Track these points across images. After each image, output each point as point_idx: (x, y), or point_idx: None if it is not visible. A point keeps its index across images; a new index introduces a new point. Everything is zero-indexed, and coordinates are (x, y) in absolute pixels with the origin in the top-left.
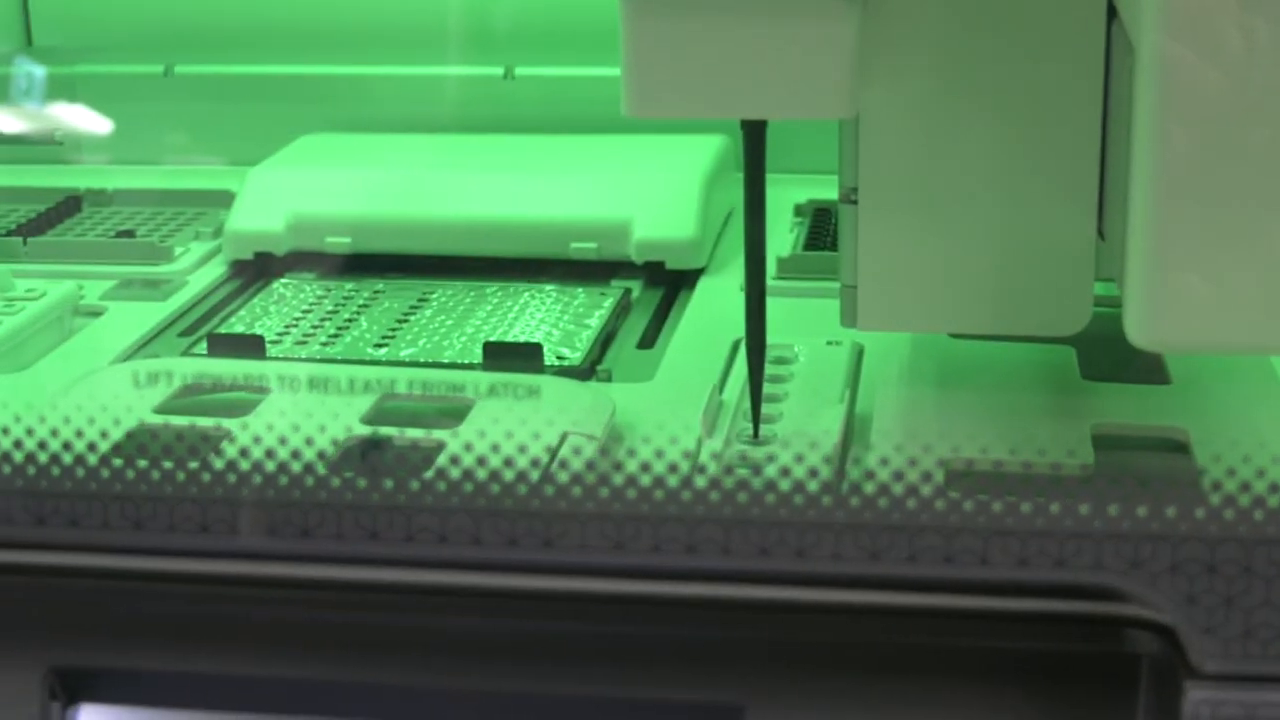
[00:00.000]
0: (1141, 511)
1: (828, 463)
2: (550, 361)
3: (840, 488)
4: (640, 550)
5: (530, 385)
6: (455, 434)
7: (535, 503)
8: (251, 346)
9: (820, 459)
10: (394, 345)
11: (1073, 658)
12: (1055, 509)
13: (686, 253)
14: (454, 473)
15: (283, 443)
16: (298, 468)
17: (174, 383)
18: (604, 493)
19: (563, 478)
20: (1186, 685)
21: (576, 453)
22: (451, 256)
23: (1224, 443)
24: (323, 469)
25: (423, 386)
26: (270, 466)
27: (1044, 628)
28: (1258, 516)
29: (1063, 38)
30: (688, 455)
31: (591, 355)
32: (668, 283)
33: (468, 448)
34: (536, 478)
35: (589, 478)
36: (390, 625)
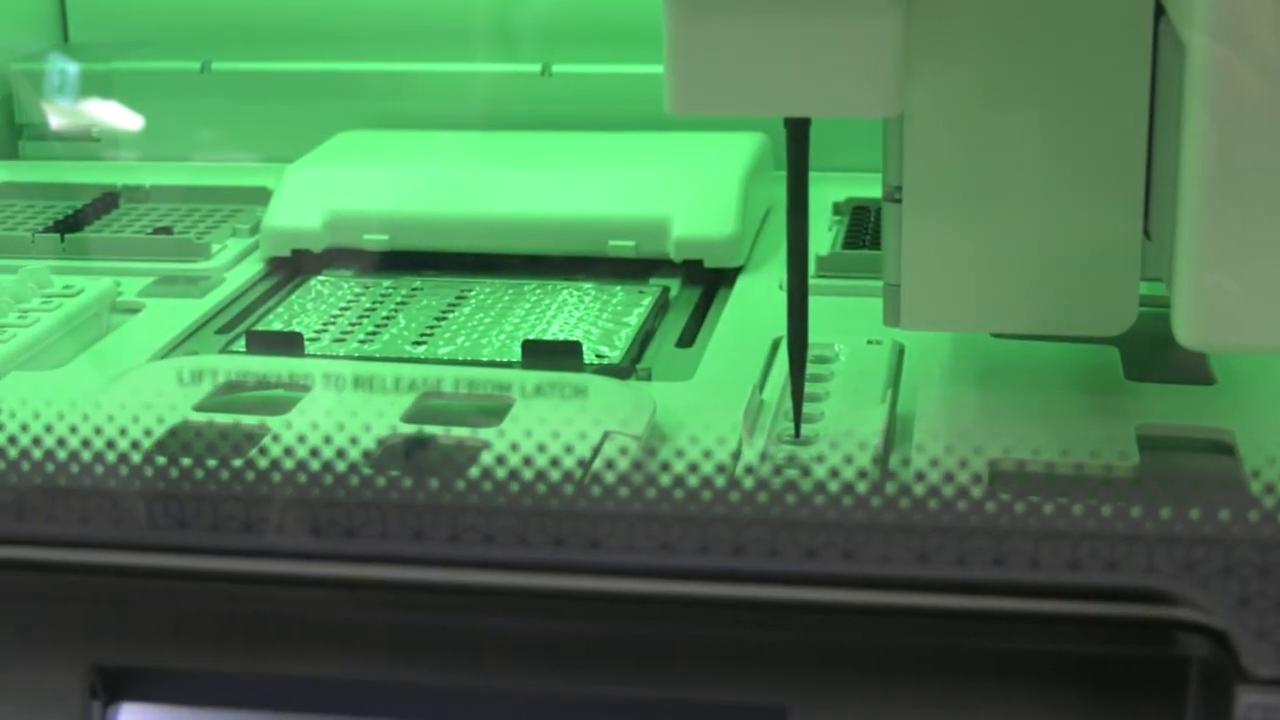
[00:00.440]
0: (1194, 514)
1: (874, 464)
2: (589, 360)
3: (885, 489)
4: (686, 551)
5: (571, 384)
6: (501, 433)
7: (582, 503)
8: (290, 344)
9: (865, 460)
10: (432, 343)
11: (1121, 661)
12: (1107, 511)
13: (725, 251)
14: (500, 472)
15: (327, 441)
16: (342, 466)
17: (215, 380)
18: (651, 493)
19: (610, 478)
20: (1238, 689)
21: (624, 452)
22: (488, 254)
23: (1274, 444)
24: (367, 468)
25: (466, 385)
26: (315, 465)
27: (1093, 631)
28: None
29: (1109, 34)
30: (734, 456)
31: (631, 354)
32: (706, 281)
33: (514, 448)
34: (581, 477)
35: (636, 477)
36: (433, 625)
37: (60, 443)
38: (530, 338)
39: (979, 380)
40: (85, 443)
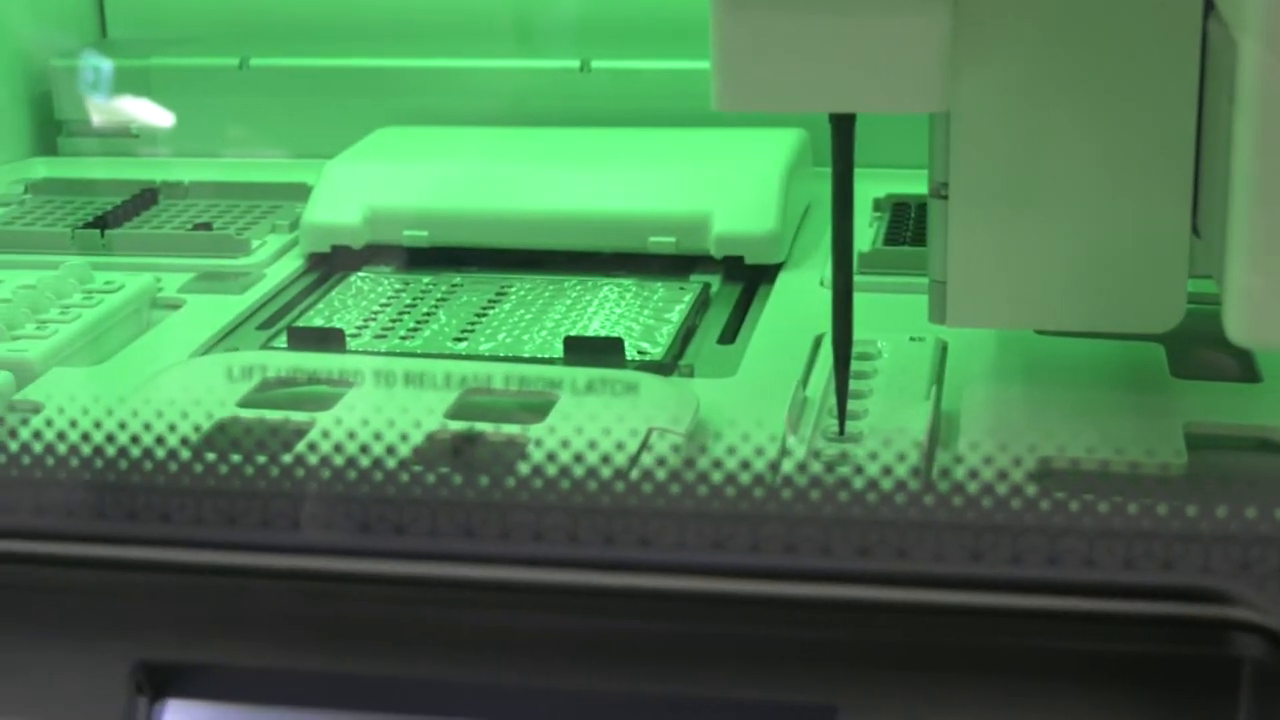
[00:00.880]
0: (1250, 513)
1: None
2: (631, 356)
3: (939, 486)
4: (737, 549)
5: (614, 380)
6: (551, 430)
7: (631, 500)
8: (331, 340)
9: (913, 457)
10: (473, 339)
11: (1174, 661)
12: (1162, 510)
13: (766, 247)
14: (550, 469)
15: (377, 438)
16: (392, 463)
17: (259, 376)
18: (703, 491)
19: (660, 475)
20: None
21: (675, 450)
22: (527, 250)
23: None
24: (416, 465)
25: (517, 382)
26: (365, 462)
27: (1147, 630)
28: None
29: (1157, 29)
30: (779, 454)
31: (673, 350)
32: (746, 277)
33: (565, 444)
34: (626, 474)
35: (688, 475)
36: (480, 623)
37: (110, 438)
38: (572, 334)
39: (1024, 377)
40: (134, 438)
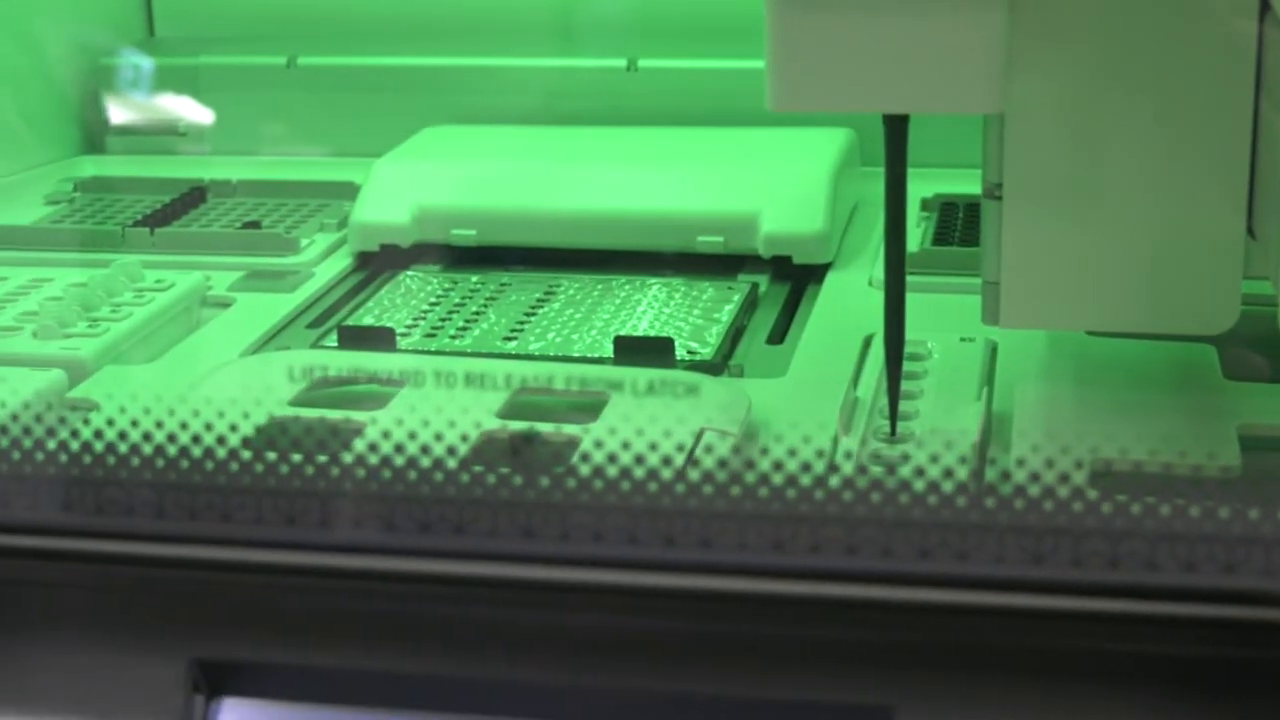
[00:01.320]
0: None
1: (962, 462)
2: (681, 356)
3: (994, 488)
4: (796, 551)
5: (667, 381)
6: (613, 431)
7: (692, 502)
8: (382, 339)
9: (971, 459)
10: (523, 338)
11: (1236, 664)
12: (1225, 513)
13: (815, 247)
14: (611, 471)
15: (439, 439)
16: (453, 463)
17: (311, 375)
18: (764, 493)
19: (722, 476)
20: None
21: (738, 451)
22: (574, 249)
23: None
24: (476, 465)
25: (578, 382)
26: (425, 462)
27: (1209, 633)
28: None
29: (1213, 30)
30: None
31: (722, 350)
32: (794, 277)
33: (625, 445)
34: (679, 475)
35: (749, 477)
36: (536, 622)
37: (171, 438)
38: (622, 334)
39: (1076, 378)
40: (196, 438)
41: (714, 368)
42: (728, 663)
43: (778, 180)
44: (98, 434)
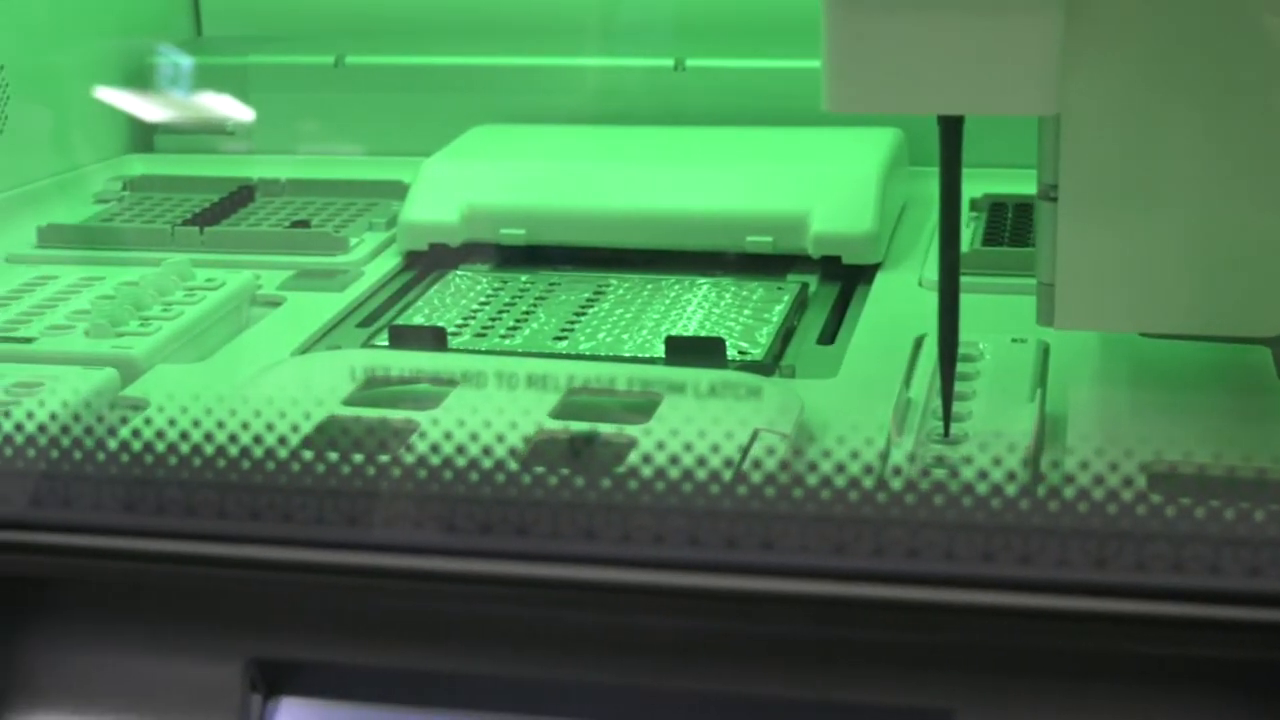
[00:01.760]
0: None
1: (1024, 464)
2: (732, 356)
3: (1040, 489)
4: (860, 553)
5: (725, 381)
6: (674, 433)
7: (755, 504)
8: (434, 338)
9: (1016, 460)
10: (573, 338)
11: None
12: None
13: (864, 247)
14: (673, 472)
15: (500, 440)
16: (515, 464)
17: (364, 374)
18: (826, 495)
19: (784, 478)
20: None
21: (797, 453)
22: (623, 249)
23: None
24: (532, 465)
25: (640, 383)
26: (487, 463)
27: (1270, 637)
28: None
29: (1270, 32)
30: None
31: (773, 351)
32: (843, 277)
33: (688, 447)
34: (731, 476)
35: (810, 479)
36: (598, 624)
37: (233, 438)
38: (673, 334)
39: (1130, 380)
40: (257, 438)
41: (765, 368)
42: (789, 665)
43: (827, 180)
44: (159, 434)
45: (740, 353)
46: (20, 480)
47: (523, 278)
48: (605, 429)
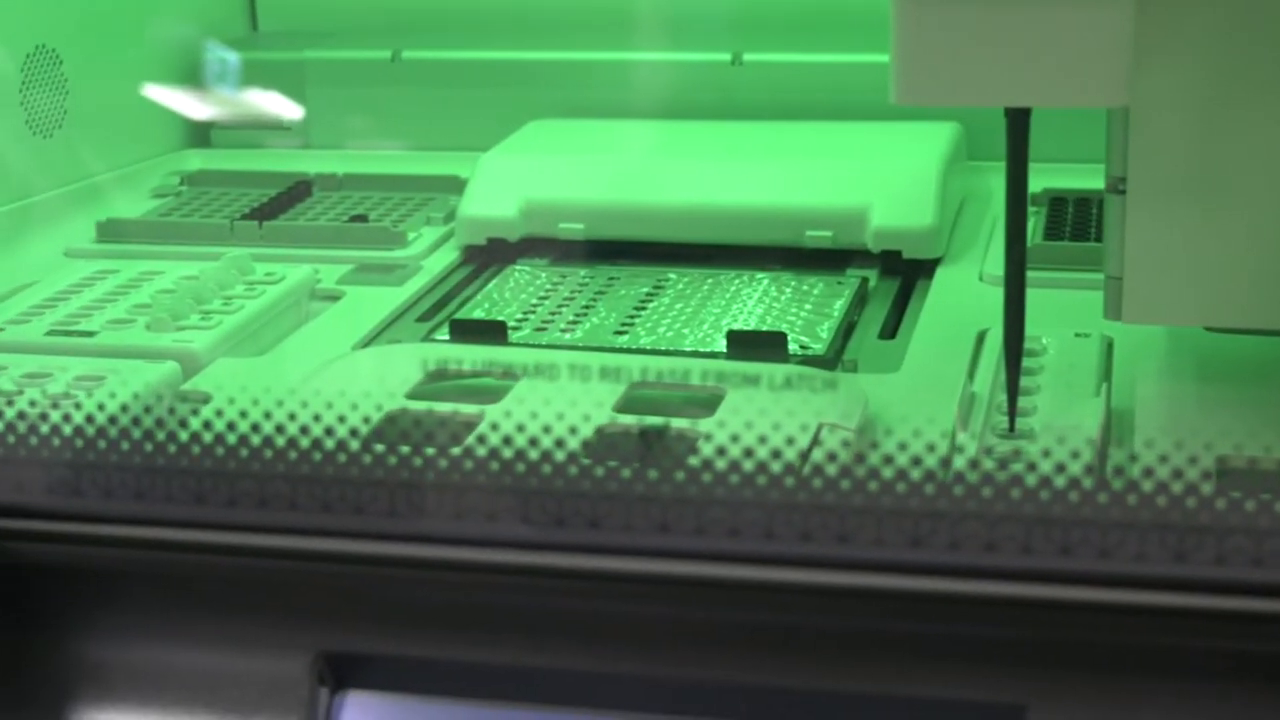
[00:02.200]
0: None
1: (1101, 458)
2: (793, 351)
3: (1136, 485)
4: (935, 546)
5: (783, 376)
6: (749, 425)
7: (830, 497)
8: (494, 332)
9: (1094, 456)
10: (634, 333)
11: None
12: None
13: (925, 242)
14: (747, 465)
15: (573, 432)
16: (583, 458)
17: (427, 368)
18: (902, 488)
19: (860, 471)
20: None
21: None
22: (681, 244)
23: None
24: (596, 459)
25: (715, 377)
26: (560, 455)
27: None
28: None
29: None
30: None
31: (835, 345)
32: (903, 272)
33: (762, 440)
34: (799, 469)
35: (886, 472)
36: (669, 618)
37: (304, 430)
38: (735, 328)
39: (1197, 375)
40: (329, 430)
41: (827, 363)
42: (861, 659)
43: (886, 174)
44: (230, 425)
45: (802, 348)
46: (91, 473)
47: (581, 272)
48: (676, 422)
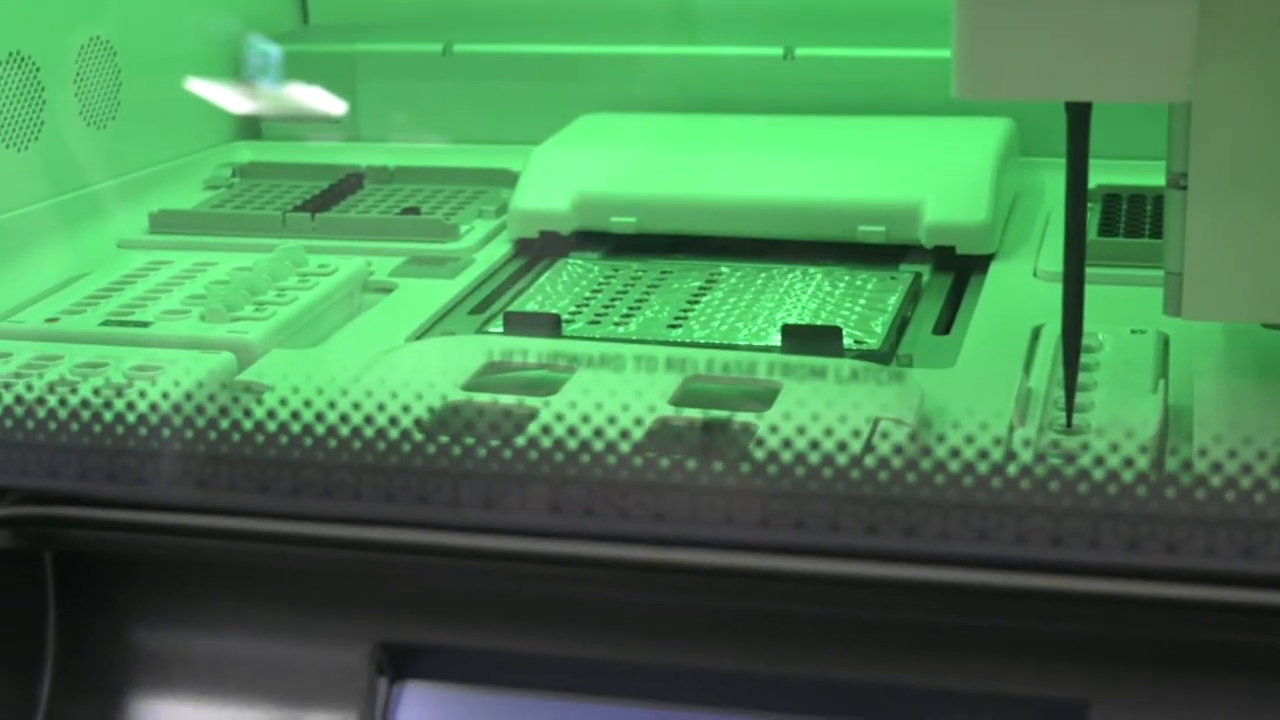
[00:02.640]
0: None
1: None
2: (848, 345)
3: (1204, 480)
4: (1002, 541)
5: (840, 370)
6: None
7: (896, 490)
8: (548, 325)
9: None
10: (687, 326)
11: None
12: None
13: (978, 238)
14: (813, 457)
15: (638, 423)
16: (646, 451)
17: (483, 360)
18: (969, 482)
19: (926, 465)
20: None
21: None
22: (732, 238)
23: None
24: (655, 451)
25: (781, 369)
26: (625, 446)
27: None
28: None
29: None
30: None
31: (889, 340)
32: (956, 268)
33: (829, 432)
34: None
35: (953, 465)
36: (729, 610)
37: (368, 419)
38: (789, 322)
39: (1255, 371)
40: (393, 420)
41: (882, 357)
42: (925, 653)
43: (940, 170)
44: (295, 415)
45: (856, 342)
46: (154, 461)
47: (634, 266)
48: (740, 415)
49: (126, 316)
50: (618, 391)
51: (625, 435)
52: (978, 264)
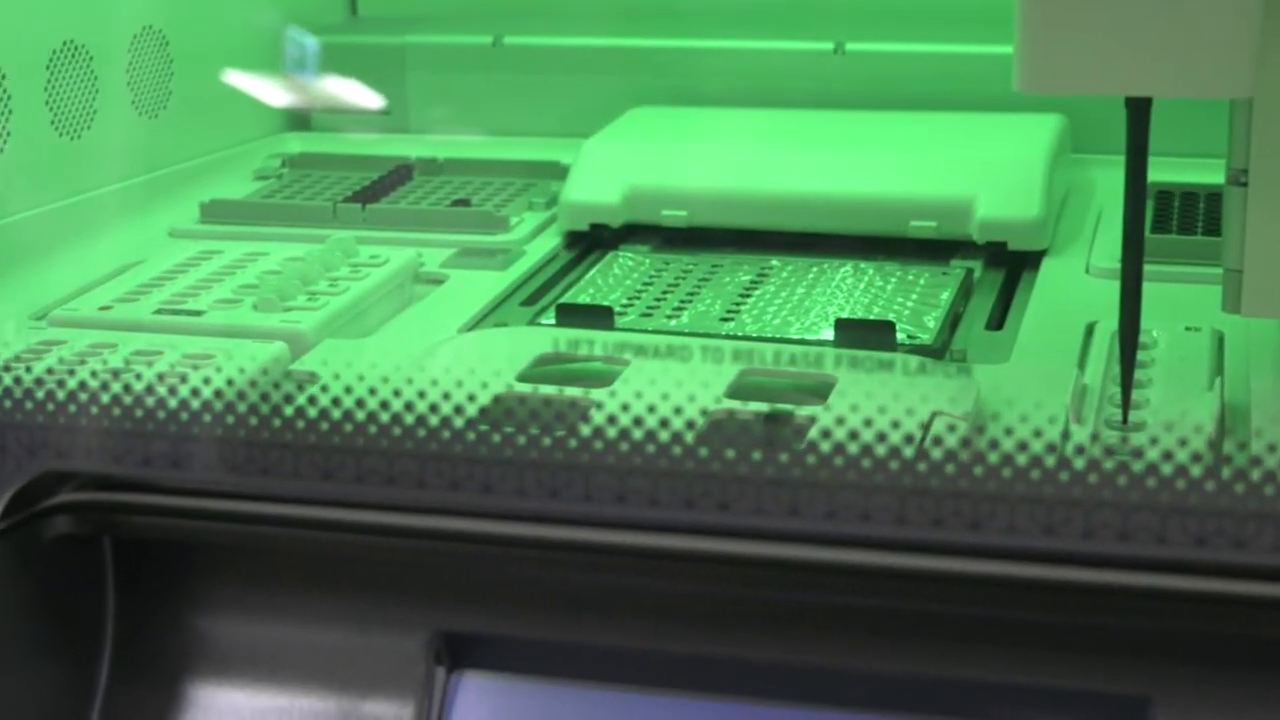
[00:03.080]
0: None
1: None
2: (901, 340)
3: (1274, 476)
4: (1069, 535)
5: (896, 365)
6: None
7: (962, 483)
8: (601, 317)
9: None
10: (739, 320)
11: None
12: None
13: (1031, 234)
14: (880, 449)
15: (704, 414)
16: (713, 443)
17: (536, 351)
18: (1036, 475)
19: (993, 458)
20: None
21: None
22: (784, 232)
23: None
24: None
25: (848, 362)
26: (689, 437)
27: None
28: None
29: None
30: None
31: (942, 335)
32: (1007, 264)
33: (895, 425)
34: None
35: (1020, 459)
36: (784, 602)
37: (434, 409)
38: (842, 316)
39: None
40: (458, 408)
41: (935, 352)
42: (987, 647)
43: (992, 165)
44: (359, 403)
45: (909, 337)
46: (215, 449)
47: (684, 259)
48: (802, 410)
49: (179, 305)
50: (675, 384)
51: (691, 425)
52: (1029, 260)
